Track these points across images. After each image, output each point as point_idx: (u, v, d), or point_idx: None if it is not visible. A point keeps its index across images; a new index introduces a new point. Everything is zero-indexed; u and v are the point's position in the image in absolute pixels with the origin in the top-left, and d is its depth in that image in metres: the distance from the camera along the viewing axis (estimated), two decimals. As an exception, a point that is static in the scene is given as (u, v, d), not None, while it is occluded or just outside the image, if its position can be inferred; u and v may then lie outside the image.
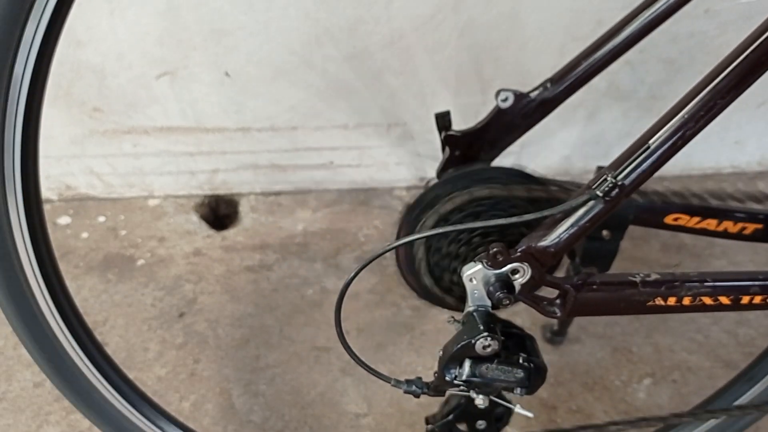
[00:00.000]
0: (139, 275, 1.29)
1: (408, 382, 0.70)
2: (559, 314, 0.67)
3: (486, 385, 0.66)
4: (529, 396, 0.68)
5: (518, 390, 0.67)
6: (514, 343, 0.68)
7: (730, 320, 1.21)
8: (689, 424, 0.88)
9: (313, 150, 1.40)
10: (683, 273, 0.66)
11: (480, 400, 0.68)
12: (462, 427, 0.76)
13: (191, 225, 1.40)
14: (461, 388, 0.67)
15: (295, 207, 1.44)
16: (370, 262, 0.62)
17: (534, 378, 0.66)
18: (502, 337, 0.65)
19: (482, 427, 0.75)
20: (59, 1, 0.54)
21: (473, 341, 0.63)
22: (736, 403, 0.84)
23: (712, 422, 0.87)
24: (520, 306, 0.67)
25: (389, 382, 0.69)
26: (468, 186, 0.75)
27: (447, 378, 0.66)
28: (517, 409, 0.70)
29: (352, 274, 0.62)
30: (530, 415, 0.70)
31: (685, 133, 0.58)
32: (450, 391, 0.69)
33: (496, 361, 0.65)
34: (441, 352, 0.67)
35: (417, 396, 0.70)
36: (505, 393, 0.70)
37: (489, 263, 0.62)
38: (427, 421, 0.78)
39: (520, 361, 0.66)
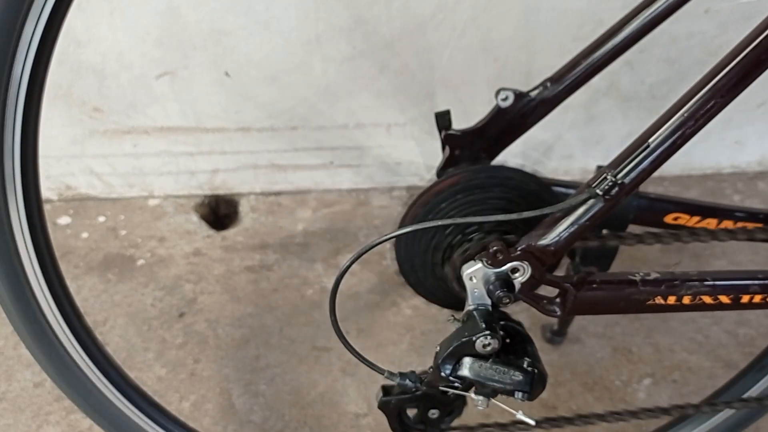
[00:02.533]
0: (139, 275, 1.29)
1: (402, 374, 0.69)
2: (559, 313, 0.67)
3: (481, 384, 0.66)
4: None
5: (518, 394, 0.66)
6: (515, 347, 0.67)
7: (730, 320, 1.21)
8: (693, 420, 0.88)
9: (313, 150, 1.40)
10: (683, 272, 0.66)
11: (480, 403, 0.68)
12: (411, 409, 0.74)
13: (191, 225, 1.40)
14: (455, 384, 0.66)
15: (295, 207, 1.44)
16: (367, 250, 0.61)
17: (536, 384, 0.66)
18: (506, 337, 0.65)
19: (434, 416, 0.74)
20: (58, 0, 0.54)
21: (474, 338, 0.63)
22: (747, 395, 0.84)
23: (715, 418, 0.87)
24: (520, 305, 0.67)
25: (382, 374, 0.69)
26: None
27: (442, 374, 0.66)
28: (519, 415, 0.69)
29: (349, 262, 0.62)
30: (532, 423, 0.69)
31: (685, 132, 0.58)
32: (442, 387, 0.68)
33: (491, 360, 0.64)
34: (438, 348, 0.66)
35: (409, 390, 0.69)
36: (505, 397, 0.69)
37: (489, 262, 0.62)
38: (384, 390, 0.74)
39: (525, 366, 0.65)
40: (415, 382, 0.69)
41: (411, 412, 0.75)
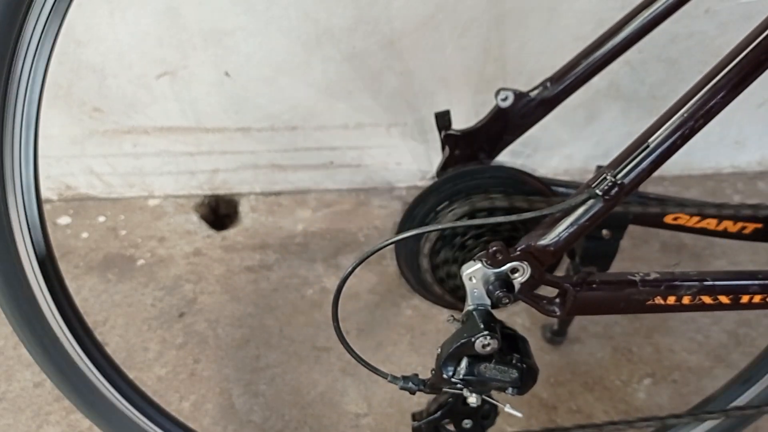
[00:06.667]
0: (139, 275, 1.29)
1: (404, 378, 0.70)
2: (558, 313, 0.67)
3: (482, 384, 0.66)
4: (529, 396, 0.67)
5: (510, 390, 0.67)
6: (507, 345, 0.68)
7: (730, 320, 1.21)
8: (687, 424, 0.88)
9: (313, 150, 1.40)
10: (683, 272, 0.66)
11: (473, 399, 0.68)
12: (448, 424, 0.76)
13: (191, 225, 1.40)
14: (457, 386, 0.67)
15: (295, 207, 1.44)
16: (369, 256, 0.62)
17: (526, 379, 0.66)
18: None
19: (468, 425, 0.75)
20: (58, 0, 0.54)
21: (473, 339, 0.63)
22: (734, 404, 0.84)
23: (709, 423, 0.87)
24: (520, 306, 0.67)
25: (385, 378, 0.69)
26: None
27: (444, 376, 0.66)
28: (507, 408, 0.70)
29: (351, 267, 0.62)
30: (519, 414, 0.70)
31: (685, 132, 0.58)
32: (445, 389, 0.69)
33: (494, 360, 0.65)
34: (439, 350, 0.67)
35: (413, 393, 0.70)
36: (496, 392, 0.70)
37: (488, 262, 0.62)
38: (414, 418, 0.77)
39: (513, 361, 0.66)
40: (417, 384, 0.69)
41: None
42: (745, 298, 0.66)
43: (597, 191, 0.59)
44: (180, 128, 1.35)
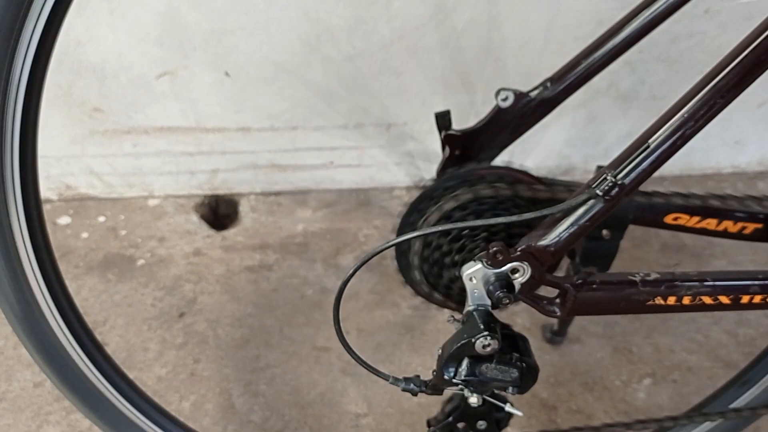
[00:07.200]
0: (139, 275, 1.29)
1: (406, 380, 0.70)
2: (559, 313, 0.67)
3: (482, 384, 0.66)
4: (529, 396, 0.68)
5: (510, 389, 0.67)
6: (507, 344, 0.68)
7: (730, 320, 1.21)
8: (685, 426, 0.88)
9: (313, 150, 1.40)
10: (683, 272, 0.66)
11: (474, 399, 0.68)
12: (463, 427, 0.76)
13: (191, 225, 1.40)
14: (459, 387, 0.67)
15: (295, 207, 1.44)
16: (370, 258, 0.62)
17: (526, 378, 0.66)
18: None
19: (483, 427, 0.75)
20: (57, 0, 0.54)
21: (473, 340, 0.63)
22: (733, 405, 0.84)
23: (708, 424, 0.87)
24: (520, 306, 0.67)
25: (387, 380, 0.69)
26: None
27: (445, 376, 0.66)
28: (508, 407, 0.71)
29: (352, 270, 0.62)
30: (520, 413, 0.70)
31: (685, 133, 0.58)
32: (447, 390, 0.69)
33: (495, 360, 0.65)
34: (440, 351, 0.67)
35: (415, 394, 0.70)
36: (497, 392, 0.71)
37: (489, 262, 0.62)
38: (429, 424, 0.78)
39: (513, 360, 0.66)
40: (419, 386, 0.69)
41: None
42: (745, 299, 0.66)
43: (597, 191, 0.59)
44: (180, 128, 1.35)
